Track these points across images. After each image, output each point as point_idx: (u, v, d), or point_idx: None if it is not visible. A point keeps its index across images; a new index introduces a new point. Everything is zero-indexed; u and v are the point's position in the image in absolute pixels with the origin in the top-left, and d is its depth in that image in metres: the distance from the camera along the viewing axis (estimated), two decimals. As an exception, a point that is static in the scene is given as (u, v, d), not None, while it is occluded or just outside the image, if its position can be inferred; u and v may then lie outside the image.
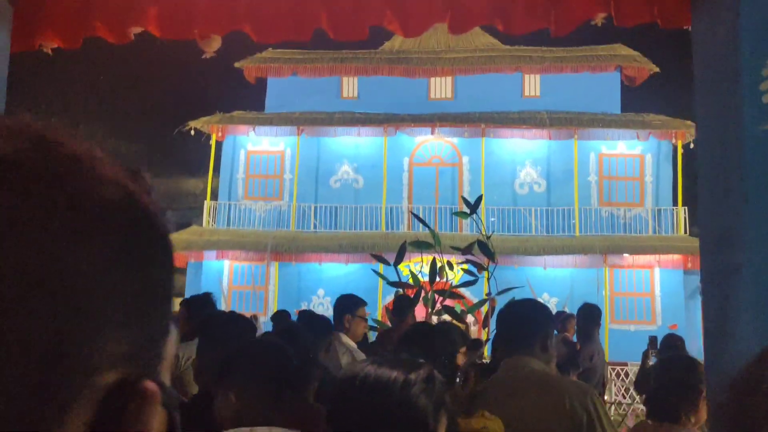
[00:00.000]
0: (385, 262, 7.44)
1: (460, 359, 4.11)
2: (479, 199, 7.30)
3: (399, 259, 7.07)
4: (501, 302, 7.18)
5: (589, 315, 6.25)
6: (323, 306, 18.46)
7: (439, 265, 6.94)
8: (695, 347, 16.81)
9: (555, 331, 7.72)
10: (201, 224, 19.56)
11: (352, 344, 4.89)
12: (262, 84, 20.85)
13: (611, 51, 19.95)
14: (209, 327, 2.85)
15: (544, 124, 18.68)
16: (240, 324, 2.91)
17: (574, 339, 6.72)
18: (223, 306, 18.35)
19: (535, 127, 18.80)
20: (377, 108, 19.56)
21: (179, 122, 19.68)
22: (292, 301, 18.40)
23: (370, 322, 7.89)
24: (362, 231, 18.56)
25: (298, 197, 19.29)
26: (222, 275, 18.63)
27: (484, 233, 7.17)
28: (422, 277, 7.05)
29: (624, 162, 19.06)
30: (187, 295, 19.51)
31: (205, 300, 4.73)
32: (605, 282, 17.69)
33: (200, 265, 18.76)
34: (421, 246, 7.04)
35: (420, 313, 8.95)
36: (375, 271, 7.41)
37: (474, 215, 6.94)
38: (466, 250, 6.86)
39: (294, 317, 18.85)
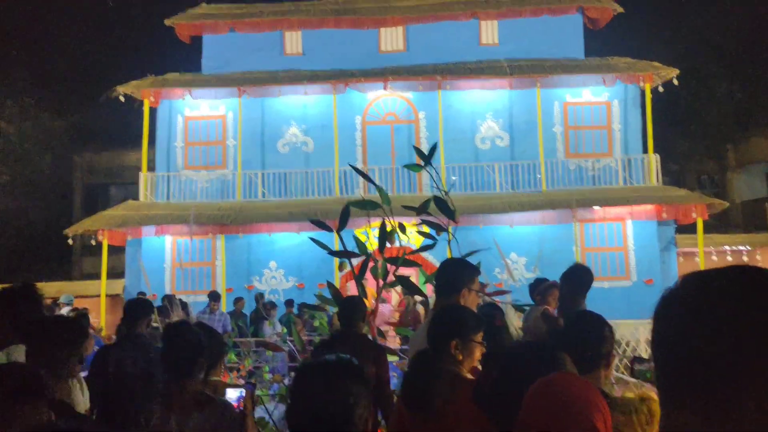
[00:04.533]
0: (327, 229, 6.26)
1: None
2: (434, 148, 6.06)
3: (342, 224, 5.88)
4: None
5: (578, 281, 4.81)
6: (276, 279, 17.16)
7: (388, 228, 5.74)
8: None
9: (533, 303, 6.60)
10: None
11: None
12: (197, 43, 19.09)
13: (572, -9, 18.70)
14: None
15: (504, 73, 17.39)
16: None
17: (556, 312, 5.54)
18: (167, 285, 16.94)
19: (494, 76, 17.51)
20: (324, 64, 18.08)
21: (107, 88, 17.88)
22: (242, 276, 17.11)
23: (317, 300, 6.66)
24: (314, 197, 17.22)
25: (244, 164, 17.79)
26: (163, 252, 17.12)
27: (444, 190, 5.99)
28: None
29: (590, 110, 17.90)
30: (126, 276, 17.77)
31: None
32: (576, 238, 16.67)
33: (139, 243, 17.21)
34: (366, 206, 5.77)
35: (371, 285, 7.70)
36: (314, 240, 6.12)
37: (432, 172, 5.77)
38: (421, 210, 5.65)
39: (244, 293, 17.17)
